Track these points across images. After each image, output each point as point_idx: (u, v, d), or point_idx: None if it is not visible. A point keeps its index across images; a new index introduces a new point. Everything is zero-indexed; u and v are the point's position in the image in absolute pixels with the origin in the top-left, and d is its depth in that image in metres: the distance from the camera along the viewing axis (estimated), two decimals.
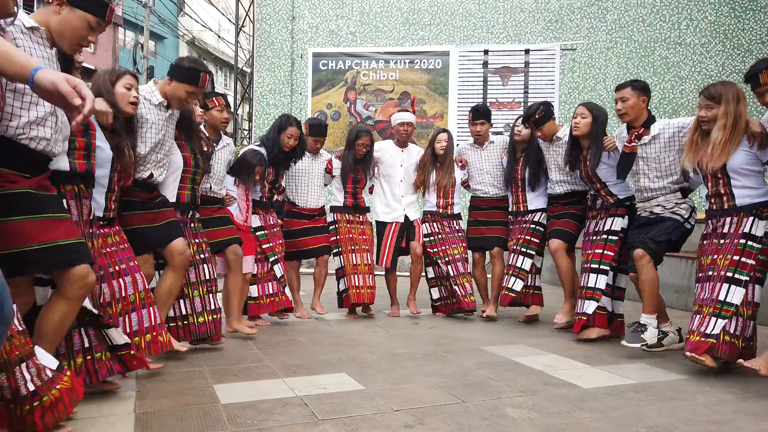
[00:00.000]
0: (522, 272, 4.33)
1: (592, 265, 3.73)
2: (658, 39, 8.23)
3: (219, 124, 3.73)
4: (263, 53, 8.82)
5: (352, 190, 4.67)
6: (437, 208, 4.79)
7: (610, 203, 3.79)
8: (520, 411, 2.29)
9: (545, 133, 4.13)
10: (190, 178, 3.26)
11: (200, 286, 3.28)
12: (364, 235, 4.69)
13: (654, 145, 3.39)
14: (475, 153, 4.79)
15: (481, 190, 4.80)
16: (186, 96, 2.98)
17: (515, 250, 4.41)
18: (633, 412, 2.30)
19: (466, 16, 8.53)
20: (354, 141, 4.56)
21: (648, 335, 3.19)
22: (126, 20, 22.85)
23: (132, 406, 2.28)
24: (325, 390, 2.55)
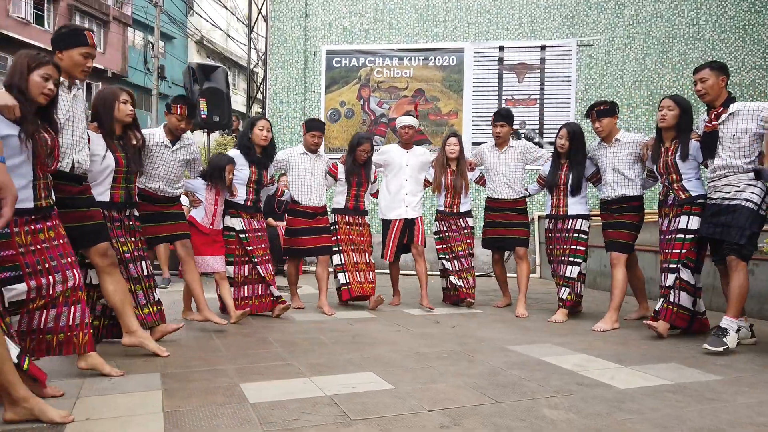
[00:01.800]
0: (570, 281, 4.43)
1: (671, 265, 3.70)
2: (677, 35, 8.12)
3: (174, 128, 3.77)
4: (276, 51, 8.78)
5: (354, 193, 4.88)
6: (445, 207, 5.03)
7: (682, 200, 3.72)
8: (558, 412, 2.23)
9: (604, 126, 4.18)
10: (123, 177, 3.25)
11: (141, 281, 3.32)
12: (362, 237, 4.91)
13: (731, 123, 3.40)
14: (493, 155, 4.94)
15: (496, 191, 4.95)
16: (83, 59, 2.84)
17: (563, 260, 4.47)
18: (673, 413, 2.23)
19: (481, 12, 8.45)
20: (356, 147, 4.78)
21: (729, 339, 3.23)
22: (135, 20, 22.92)
23: (160, 405, 2.24)
24: (354, 389, 2.49)
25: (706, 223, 3.53)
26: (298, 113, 8.64)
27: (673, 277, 3.66)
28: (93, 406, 2.22)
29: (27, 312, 2.42)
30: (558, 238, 4.54)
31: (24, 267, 2.35)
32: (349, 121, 8.61)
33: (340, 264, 4.79)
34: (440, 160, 4.97)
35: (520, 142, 5.06)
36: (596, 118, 4.20)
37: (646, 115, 8.10)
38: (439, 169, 4.96)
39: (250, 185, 4.33)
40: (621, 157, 4.15)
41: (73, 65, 2.82)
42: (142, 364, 2.88)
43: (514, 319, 4.45)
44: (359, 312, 4.68)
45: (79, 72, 2.85)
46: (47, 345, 2.49)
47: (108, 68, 21.88)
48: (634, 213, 4.15)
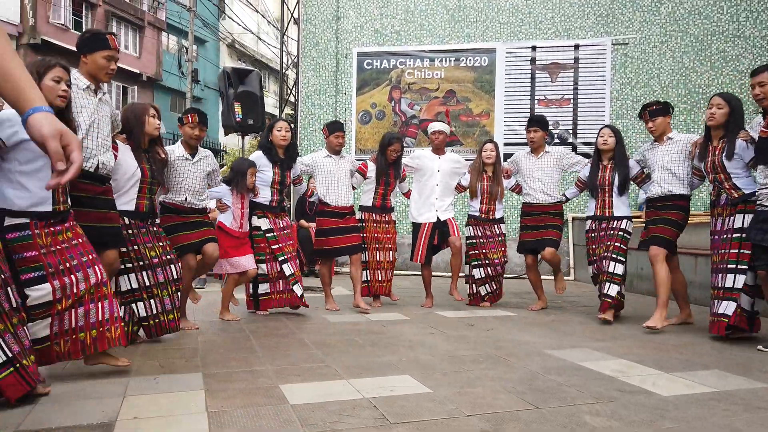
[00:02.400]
0: (616, 277, 4.38)
1: (728, 265, 3.63)
2: (716, 32, 7.91)
3: (188, 139, 3.89)
4: (308, 54, 8.86)
5: (382, 192, 4.98)
6: (480, 213, 5.06)
7: (735, 198, 3.65)
8: (600, 419, 2.20)
9: (657, 126, 4.15)
10: (147, 188, 3.39)
11: (168, 286, 3.42)
12: (388, 234, 5.02)
13: None
14: (529, 161, 4.97)
15: (532, 196, 4.96)
16: (106, 62, 2.91)
17: (607, 256, 4.42)
18: (720, 422, 2.18)
19: (513, 11, 8.38)
20: (387, 146, 4.86)
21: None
22: (170, 25, 23.40)
23: (203, 405, 2.28)
24: (392, 392, 2.50)
25: (754, 228, 3.43)
26: (330, 115, 8.70)
27: (732, 277, 3.59)
28: (139, 405, 2.28)
29: (57, 314, 2.47)
30: (602, 237, 4.50)
31: (47, 267, 2.43)
32: (380, 122, 8.63)
33: (364, 261, 4.94)
34: (476, 165, 5.03)
35: (557, 147, 5.09)
36: (649, 118, 4.17)
37: (684, 114, 7.92)
38: (476, 175, 5.01)
39: (273, 186, 4.46)
40: (671, 155, 4.11)
41: (97, 68, 2.91)
42: (183, 365, 2.94)
43: (549, 323, 4.40)
44: (393, 314, 4.70)
45: (104, 75, 2.94)
46: (82, 344, 2.53)
47: (143, 72, 22.38)
48: (678, 211, 4.09)
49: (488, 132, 8.33)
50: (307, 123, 8.78)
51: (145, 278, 3.31)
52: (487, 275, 5.03)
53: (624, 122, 8.00)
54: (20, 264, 2.39)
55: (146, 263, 3.33)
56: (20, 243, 2.39)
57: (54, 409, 2.21)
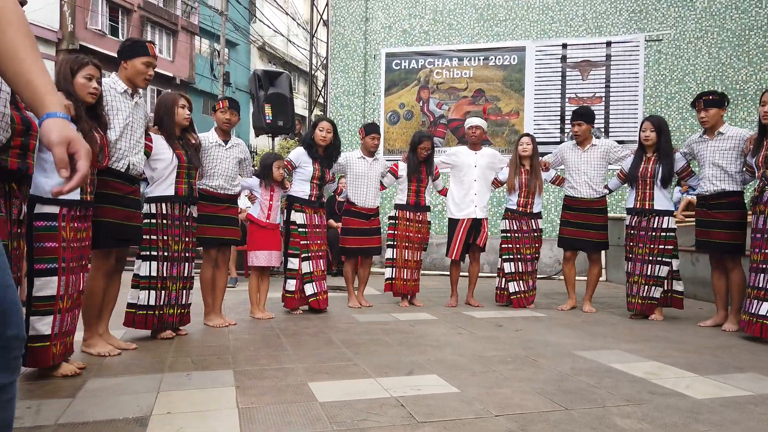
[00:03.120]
0: (659, 280, 4.36)
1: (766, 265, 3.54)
2: (754, 26, 7.69)
3: (221, 124, 3.99)
4: (337, 55, 8.92)
5: (415, 189, 5.00)
6: (518, 207, 5.00)
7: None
8: (630, 421, 2.17)
9: (710, 117, 4.03)
10: (185, 173, 3.49)
11: (178, 282, 3.50)
12: (419, 234, 5.03)
13: None
14: (575, 154, 4.91)
15: (576, 190, 4.90)
16: (144, 68, 3.07)
17: (651, 260, 4.38)
18: (756, 426, 2.12)
19: (543, 9, 8.29)
20: (417, 145, 4.92)
21: None
22: (202, 29, 23.83)
23: (234, 401, 2.33)
24: (420, 392, 2.51)
25: None
26: (358, 116, 8.75)
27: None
28: (172, 400, 2.34)
29: (59, 312, 2.57)
30: (642, 236, 4.43)
31: (61, 261, 2.53)
32: (408, 123, 8.64)
33: (391, 258, 5.00)
34: (514, 159, 5.01)
35: (604, 140, 5.03)
36: (703, 107, 4.05)
37: None
38: (513, 169, 4.99)
39: (313, 181, 4.56)
40: (722, 151, 4.00)
41: (136, 73, 3.06)
42: (215, 361, 3.00)
43: (579, 324, 4.34)
44: (421, 314, 4.70)
45: (141, 80, 3.08)
46: (70, 347, 2.68)
47: (177, 75, 22.87)
48: (734, 210, 4.00)
49: (517, 131, 8.25)
50: (336, 124, 8.83)
51: (164, 269, 3.42)
52: (516, 271, 4.99)
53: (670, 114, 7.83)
54: (38, 253, 2.50)
55: (169, 255, 3.45)
56: (46, 232, 2.51)
57: (91, 403, 2.28)
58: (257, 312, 4.37)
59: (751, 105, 7.61)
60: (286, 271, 4.54)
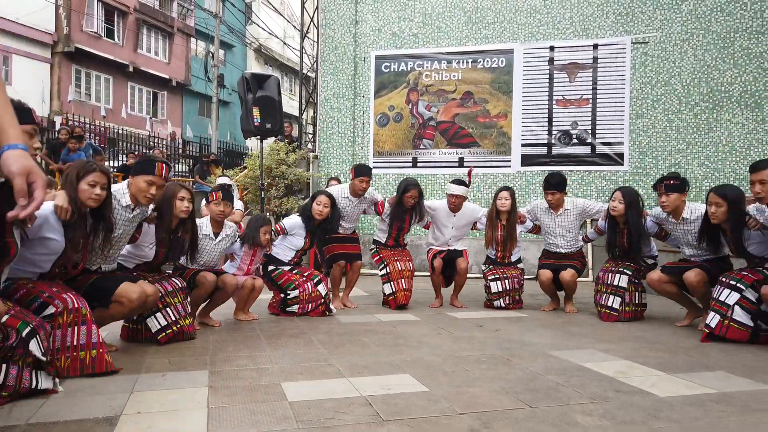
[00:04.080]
0: (619, 290, 4.46)
1: (730, 281, 3.67)
2: (738, 29, 7.75)
3: (214, 215, 4.09)
4: (327, 58, 8.97)
5: (395, 234, 5.15)
6: (496, 258, 5.19)
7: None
8: (591, 418, 2.21)
9: (671, 202, 4.08)
10: (151, 266, 3.66)
11: (178, 294, 3.56)
12: (403, 253, 5.19)
13: None
14: (549, 217, 5.02)
15: (553, 244, 5.04)
16: (146, 186, 3.17)
17: (612, 270, 4.52)
18: (713, 423, 2.17)
19: (530, 12, 8.35)
20: (404, 193, 4.96)
21: None
22: (198, 31, 23.89)
23: (205, 401, 2.38)
24: (389, 391, 2.56)
25: None
26: (348, 118, 8.80)
27: (736, 296, 3.61)
28: (144, 400, 2.38)
29: (59, 327, 2.65)
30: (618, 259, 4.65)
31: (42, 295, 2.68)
32: (397, 125, 8.69)
33: (386, 274, 5.04)
34: (491, 212, 5.06)
35: (576, 201, 5.01)
36: (664, 192, 4.09)
37: (706, 113, 7.78)
38: (490, 224, 5.06)
39: (299, 251, 4.72)
40: (693, 234, 4.10)
41: (138, 190, 3.19)
42: (192, 362, 3.05)
43: (559, 324, 4.39)
44: (404, 315, 4.75)
45: (142, 197, 3.20)
46: (81, 363, 2.71)
47: (173, 77, 22.91)
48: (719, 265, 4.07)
49: (505, 133, 8.32)
50: (326, 126, 8.89)
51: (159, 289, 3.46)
52: (504, 290, 5.03)
53: (643, 121, 7.90)
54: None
55: (155, 277, 3.57)
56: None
57: (64, 404, 2.33)
58: (240, 314, 4.42)
59: (735, 107, 7.67)
60: (288, 301, 4.56)
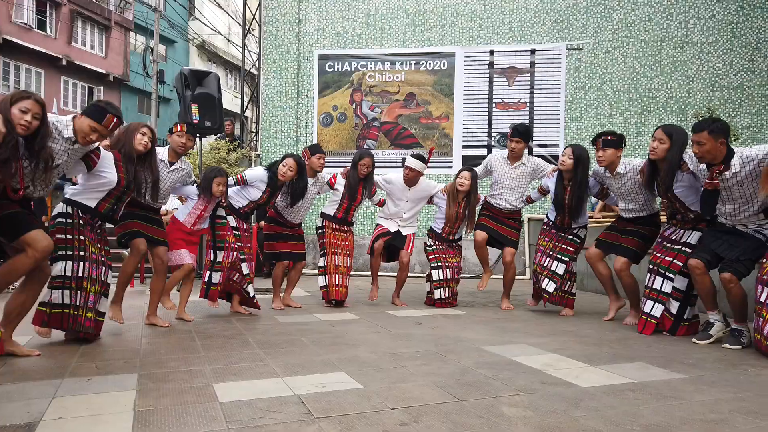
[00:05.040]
0: (555, 276, 4.61)
1: (659, 269, 3.85)
2: (665, 38, 8.19)
3: (175, 146, 4.13)
4: (270, 56, 8.88)
5: (346, 206, 5.10)
6: (441, 232, 5.21)
7: (690, 218, 3.84)
8: (516, 409, 2.30)
9: (606, 157, 4.18)
10: (116, 195, 3.53)
11: (97, 284, 3.44)
12: (346, 242, 5.14)
13: (736, 179, 3.38)
14: (503, 167, 5.04)
15: (496, 199, 5.08)
16: (89, 130, 3.15)
17: (550, 255, 4.66)
18: (629, 410, 2.30)
19: (471, 17, 8.54)
20: (357, 162, 4.99)
21: (745, 338, 3.51)
22: (137, 25, 23.09)
23: (132, 404, 2.32)
24: (323, 389, 2.57)
25: (712, 235, 3.61)
26: (291, 117, 8.74)
27: (670, 285, 3.81)
28: (67, 405, 2.30)
29: None
30: (553, 234, 4.74)
31: None
32: (341, 125, 8.70)
33: (323, 266, 5.04)
34: (452, 191, 5.08)
35: (534, 159, 5.12)
36: (601, 147, 4.20)
37: (635, 117, 8.17)
38: (451, 200, 5.07)
39: (252, 203, 4.65)
40: (627, 188, 4.23)
41: (80, 130, 3.16)
42: (120, 366, 2.96)
43: (495, 320, 4.51)
44: (344, 314, 4.76)
45: (81, 137, 3.17)
46: None
47: (109, 72, 22.06)
48: (650, 226, 4.27)
49: (447, 134, 8.47)
50: (269, 125, 8.80)
51: (80, 269, 3.33)
52: (444, 278, 5.10)
53: (578, 125, 8.22)
54: None
55: (86, 255, 3.38)
56: None
57: None
58: (167, 301, 4.39)
59: (662, 112, 8.09)
60: (214, 264, 4.47)
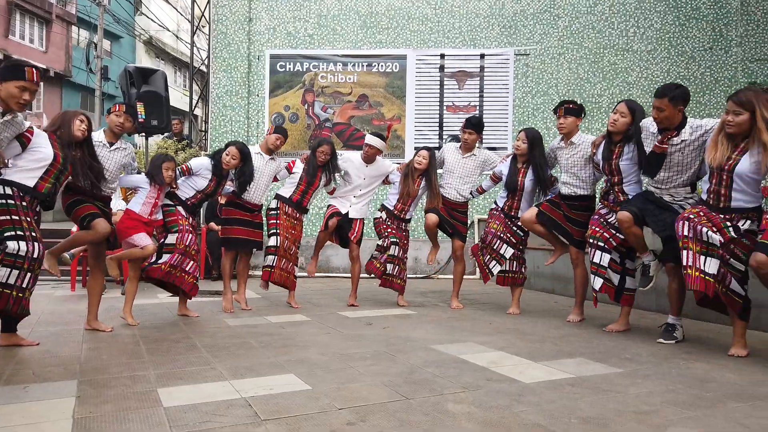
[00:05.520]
0: (502, 258, 4.80)
1: (598, 243, 4.01)
2: (607, 45, 8.50)
3: (113, 126, 4.05)
4: (219, 54, 8.73)
5: (303, 190, 5.05)
6: (393, 209, 5.20)
7: (620, 200, 4.00)
8: (461, 406, 2.36)
9: (568, 124, 4.34)
10: (54, 174, 3.42)
11: (34, 263, 3.23)
12: (294, 230, 5.09)
13: (682, 146, 3.55)
14: (455, 157, 5.12)
15: (445, 189, 5.12)
16: (18, 92, 3.08)
17: (501, 237, 4.81)
18: (567, 404, 2.39)
19: (422, 20, 8.63)
20: (315, 149, 4.99)
21: (678, 333, 3.68)
22: (80, 19, 22.23)
23: (71, 412, 2.25)
24: (271, 391, 2.56)
25: (653, 220, 3.70)
26: (242, 117, 8.62)
27: (608, 257, 3.99)
28: (2, 414, 2.22)
29: None
30: (502, 219, 4.84)
31: None
32: (293, 125, 8.63)
33: (274, 246, 4.94)
34: (409, 169, 5.10)
35: (484, 151, 5.20)
36: (563, 114, 4.35)
37: None
38: (405, 179, 5.07)
39: (200, 193, 4.55)
40: (575, 158, 4.37)
41: (9, 96, 3.05)
42: (59, 372, 2.86)
43: (445, 320, 4.59)
44: (295, 315, 4.73)
45: (14, 103, 3.07)
46: None
47: (50, 67, 21.13)
48: (584, 212, 4.41)
49: (399, 136, 8.54)
50: (219, 124, 8.65)
51: (34, 250, 3.19)
52: (397, 255, 5.10)
53: None
54: None
55: (36, 236, 3.25)
56: None
57: None
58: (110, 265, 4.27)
59: (605, 117, 8.39)
60: (165, 245, 4.32)
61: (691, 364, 3.09)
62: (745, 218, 3.19)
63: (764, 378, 2.79)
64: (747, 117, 3.09)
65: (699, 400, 2.44)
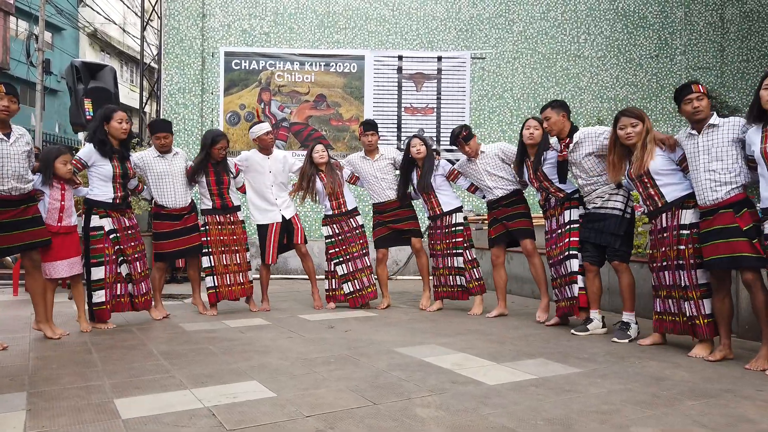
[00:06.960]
0: (459, 270, 4.86)
1: (568, 253, 4.09)
2: (560, 51, 8.74)
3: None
4: (172, 51, 8.48)
5: (217, 192, 4.78)
6: (332, 211, 5.11)
7: (560, 198, 4.17)
8: (429, 410, 2.36)
9: (472, 147, 4.61)
10: None
11: None
12: (234, 236, 4.86)
13: (577, 151, 3.89)
14: (366, 164, 5.12)
15: (379, 195, 5.12)
16: None
17: (447, 253, 4.87)
18: (532, 405, 2.43)
19: (380, 21, 8.64)
20: (211, 146, 4.65)
21: (632, 331, 3.79)
22: (19, 9, 21.17)
23: (22, 426, 2.13)
24: (235, 399, 2.50)
25: (585, 228, 3.99)
26: (196, 115, 8.41)
27: (569, 263, 4.08)
28: None
29: None
30: (438, 234, 4.93)
31: None
32: (249, 124, 8.47)
33: (209, 267, 4.77)
34: (305, 168, 5.00)
35: (387, 147, 5.37)
36: (465, 143, 4.60)
37: None
38: (305, 178, 4.98)
39: (116, 181, 4.20)
40: (491, 163, 4.61)
41: None
42: (6, 384, 2.71)
43: (405, 321, 4.59)
44: (254, 320, 4.64)
45: None
46: None
47: None
48: (519, 204, 4.62)
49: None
50: (172, 122, 8.40)
51: None
52: (350, 272, 5.06)
53: (481, 131, 8.56)
54: None
55: None
56: None
57: None
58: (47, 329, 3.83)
59: None
60: (92, 283, 4.11)
61: (646, 363, 3.20)
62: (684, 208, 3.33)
63: (714, 375, 2.92)
64: (642, 126, 3.43)
65: (656, 398, 2.53)
